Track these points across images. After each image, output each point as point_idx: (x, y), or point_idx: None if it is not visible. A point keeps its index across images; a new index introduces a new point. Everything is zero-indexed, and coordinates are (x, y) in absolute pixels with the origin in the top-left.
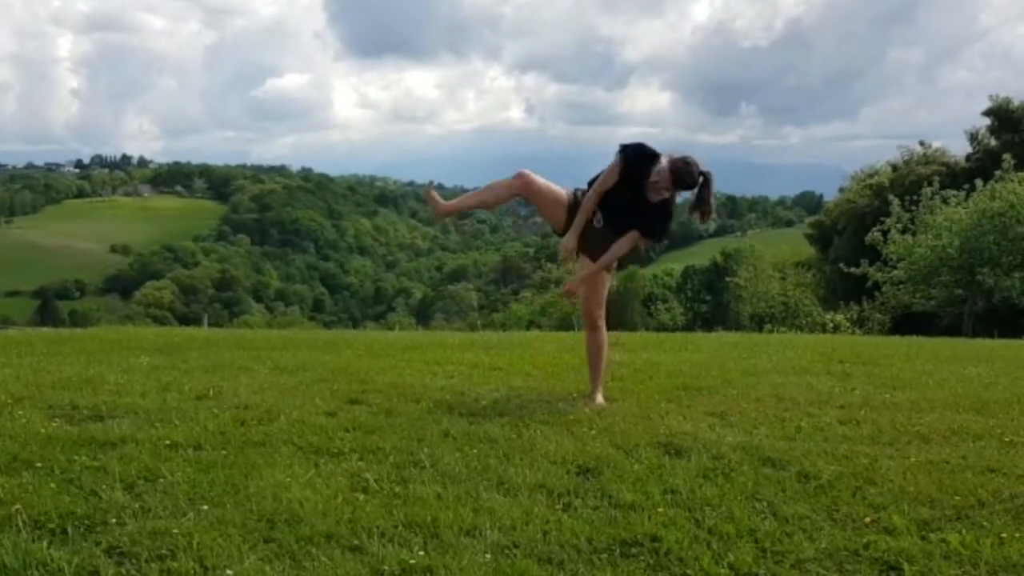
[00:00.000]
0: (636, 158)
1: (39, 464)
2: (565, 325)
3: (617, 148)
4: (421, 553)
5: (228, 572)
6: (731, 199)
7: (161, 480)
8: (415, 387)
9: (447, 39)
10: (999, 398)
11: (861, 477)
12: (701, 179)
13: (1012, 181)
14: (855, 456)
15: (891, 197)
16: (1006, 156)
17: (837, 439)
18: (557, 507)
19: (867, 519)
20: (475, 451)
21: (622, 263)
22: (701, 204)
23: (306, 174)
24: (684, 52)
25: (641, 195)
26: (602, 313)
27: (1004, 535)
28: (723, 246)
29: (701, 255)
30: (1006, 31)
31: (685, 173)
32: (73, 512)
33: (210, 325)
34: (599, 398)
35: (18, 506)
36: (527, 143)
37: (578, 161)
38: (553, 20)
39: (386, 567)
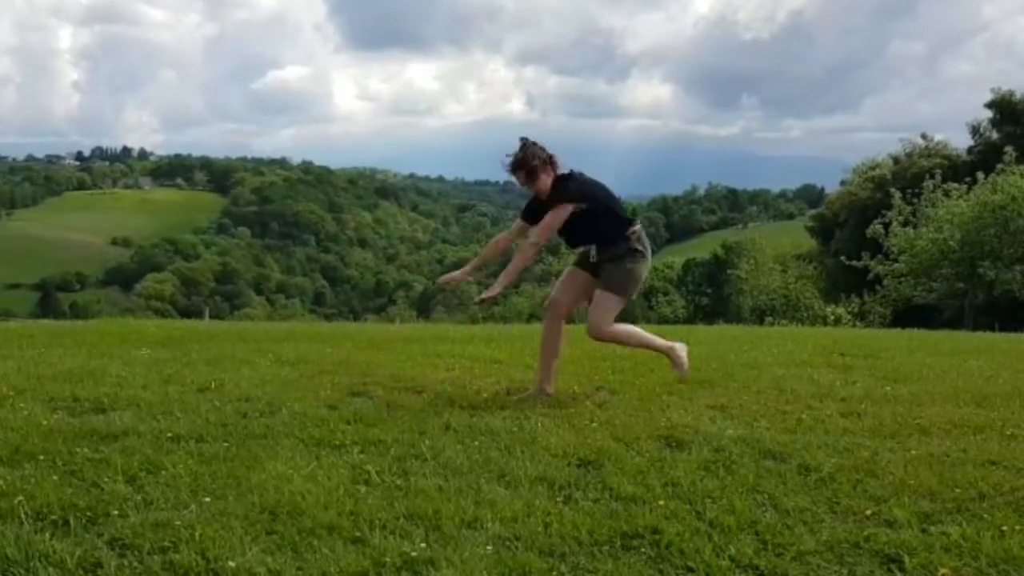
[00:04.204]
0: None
1: (41, 456)
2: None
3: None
4: (423, 545)
5: (230, 564)
6: (732, 192)
7: (163, 472)
8: (416, 380)
9: (447, 31)
10: (1000, 391)
11: (862, 470)
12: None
13: (1014, 174)
14: (856, 449)
15: (892, 190)
16: (1008, 149)
17: (838, 432)
18: (558, 500)
19: (868, 512)
20: (476, 443)
21: None
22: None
23: (307, 167)
24: (685, 44)
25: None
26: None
27: (1005, 528)
28: (724, 239)
29: (702, 248)
30: (1009, 23)
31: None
32: (75, 504)
33: (211, 318)
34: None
35: (20, 498)
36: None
37: (579, 154)
38: (554, 11)
39: (387, 559)
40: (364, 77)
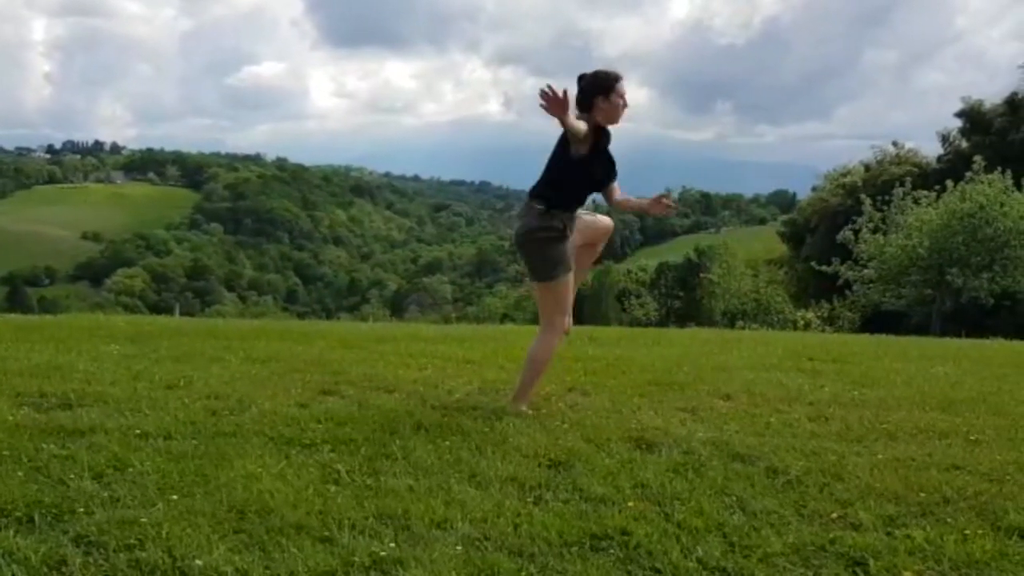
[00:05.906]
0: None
1: (6, 452)
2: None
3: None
4: (392, 545)
5: (197, 562)
6: (705, 196)
7: (130, 469)
8: (388, 379)
9: (426, 30)
10: (965, 397)
11: (829, 473)
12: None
13: (982, 183)
14: (823, 452)
15: (863, 196)
16: (977, 158)
17: (806, 435)
18: (528, 500)
19: (834, 515)
20: (447, 443)
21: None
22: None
23: (281, 163)
24: (662, 48)
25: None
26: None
27: (968, 532)
28: (697, 243)
29: (675, 251)
30: (980, 35)
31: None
32: (40, 501)
33: (182, 314)
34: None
35: None
36: (504, 137)
37: None
38: (532, 13)
39: (356, 559)
40: (341, 74)
